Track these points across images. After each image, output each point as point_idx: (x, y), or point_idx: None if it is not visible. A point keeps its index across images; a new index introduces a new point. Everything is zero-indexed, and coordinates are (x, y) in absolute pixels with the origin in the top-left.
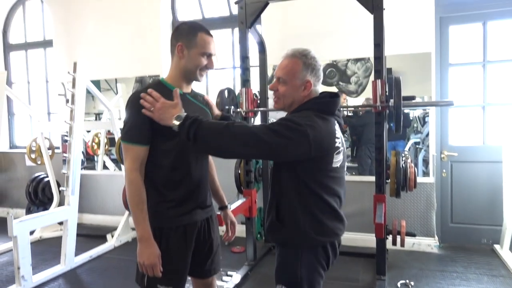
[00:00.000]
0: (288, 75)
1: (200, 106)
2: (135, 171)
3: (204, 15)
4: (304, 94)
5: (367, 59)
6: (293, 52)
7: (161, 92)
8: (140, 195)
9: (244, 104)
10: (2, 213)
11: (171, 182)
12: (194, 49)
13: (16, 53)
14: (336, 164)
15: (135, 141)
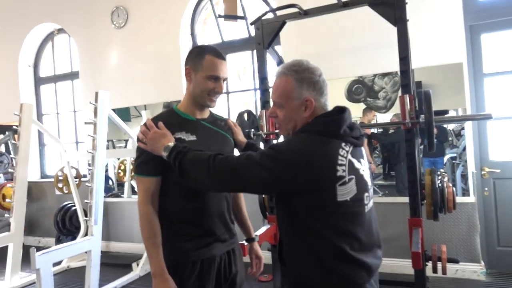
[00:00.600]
0: (282, 97)
1: (218, 132)
2: (146, 203)
3: (224, 38)
4: (307, 114)
5: (394, 73)
6: (282, 68)
7: (174, 120)
8: (151, 228)
9: (264, 127)
10: (34, 242)
11: (185, 214)
12: (200, 72)
13: (46, 86)
14: (345, 197)
15: (145, 173)
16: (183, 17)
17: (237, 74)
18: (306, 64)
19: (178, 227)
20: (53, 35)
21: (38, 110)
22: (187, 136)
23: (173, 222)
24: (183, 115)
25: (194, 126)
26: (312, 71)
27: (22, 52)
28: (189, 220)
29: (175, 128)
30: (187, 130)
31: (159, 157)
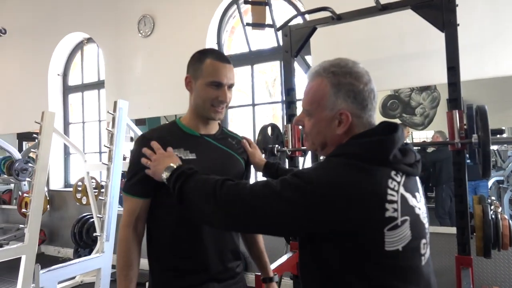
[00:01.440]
0: (311, 103)
1: (226, 151)
2: (128, 227)
3: (251, 48)
4: (341, 131)
5: (433, 88)
6: (319, 67)
7: (172, 134)
8: (127, 257)
9: (290, 142)
10: (53, 252)
11: (175, 244)
12: (201, 78)
13: (74, 95)
14: (395, 246)
15: (132, 192)
16: (210, 26)
17: (266, 86)
18: (351, 65)
19: (166, 259)
20: (82, 45)
21: (65, 119)
22: (185, 154)
23: (161, 253)
24: (185, 129)
25: (196, 142)
26: (356, 77)
27: (52, 61)
28: (178, 252)
29: (172, 143)
30: (186, 147)
31: (152, 179)
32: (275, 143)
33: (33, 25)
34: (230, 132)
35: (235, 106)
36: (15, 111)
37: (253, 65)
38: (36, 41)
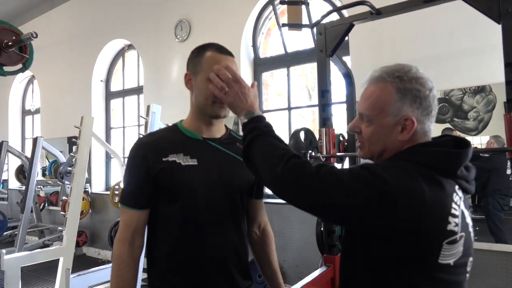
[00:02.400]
0: (373, 109)
1: (233, 157)
2: (124, 242)
3: (288, 50)
4: (404, 138)
5: (488, 90)
6: (381, 72)
7: (172, 138)
8: (122, 276)
9: (324, 148)
10: (94, 254)
11: (173, 261)
12: (201, 74)
13: (115, 101)
14: (448, 260)
15: (128, 203)
16: (245, 28)
17: (306, 89)
18: (415, 71)
19: (165, 277)
20: (123, 51)
21: (107, 124)
22: (185, 160)
23: (160, 271)
24: (187, 132)
25: (198, 147)
26: (422, 82)
27: (95, 67)
28: (177, 271)
29: (170, 148)
30: (186, 152)
31: (151, 186)
32: (308, 148)
33: (78, 34)
34: (239, 136)
35: (271, 110)
36: (62, 116)
37: (289, 67)
38: (81, 49)
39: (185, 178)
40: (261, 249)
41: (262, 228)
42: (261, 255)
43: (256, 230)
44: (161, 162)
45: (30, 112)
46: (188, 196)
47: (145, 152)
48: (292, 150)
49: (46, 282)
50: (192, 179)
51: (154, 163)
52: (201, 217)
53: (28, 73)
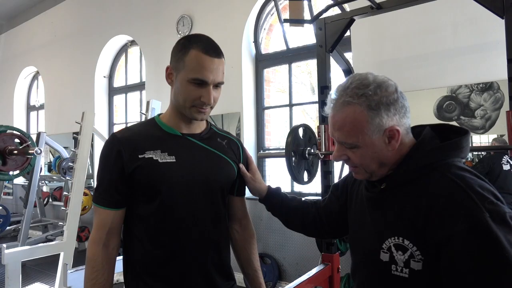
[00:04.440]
0: (352, 135)
1: (213, 152)
2: (97, 244)
3: (289, 45)
4: (393, 147)
5: (496, 88)
6: (342, 94)
7: (150, 133)
8: (96, 279)
9: (322, 145)
10: None
11: (151, 262)
12: (182, 72)
13: (118, 96)
14: None
15: (102, 202)
16: (247, 24)
17: (310, 86)
18: (373, 79)
19: (143, 280)
20: (126, 47)
21: (110, 120)
22: (162, 157)
23: (137, 273)
24: (165, 127)
25: (177, 143)
26: (385, 88)
27: (98, 63)
28: (155, 273)
29: (147, 144)
30: (164, 149)
31: (126, 185)
32: (307, 145)
33: (81, 30)
34: (220, 131)
35: (272, 106)
36: (66, 112)
37: (291, 64)
38: (84, 45)
39: (163, 176)
40: (242, 247)
41: (243, 226)
42: (242, 253)
43: (237, 227)
44: (137, 159)
45: (35, 108)
46: (166, 194)
47: (120, 148)
48: (291, 147)
49: (48, 277)
50: (170, 177)
51: (129, 160)
52: (180, 216)
53: (33, 69)
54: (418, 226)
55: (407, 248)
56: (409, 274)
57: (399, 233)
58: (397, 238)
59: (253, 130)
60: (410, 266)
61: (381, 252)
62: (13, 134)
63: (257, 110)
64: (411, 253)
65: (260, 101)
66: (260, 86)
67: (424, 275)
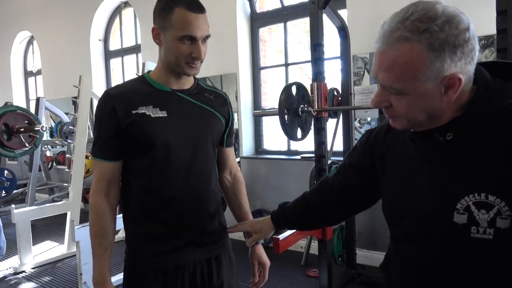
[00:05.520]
0: (403, 80)
1: (202, 107)
2: (98, 193)
3: (284, 3)
4: (450, 98)
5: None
6: (395, 27)
7: (141, 90)
8: (100, 224)
9: (315, 102)
10: None
11: (148, 210)
12: (170, 31)
13: (115, 60)
14: None
15: (100, 155)
16: None
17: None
18: (443, 10)
19: (141, 225)
20: (120, 9)
21: (107, 83)
22: (154, 112)
23: (135, 219)
24: (155, 84)
25: (167, 99)
26: (456, 23)
27: (93, 26)
28: (152, 218)
29: (139, 100)
30: (155, 104)
31: (122, 139)
32: (300, 103)
33: None
34: (208, 86)
35: (268, 66)
36: (63, 77)
37: (287, 22)
38: (77, 8)
39: (156, 130)
40: (233, 194)
41: (233, 174)
42: (233, 199)
43: (228, 176)
44: (131, 115)
45: (32, 74)
46: (160, 147)
47: (114, 105)
48: (284, 104)
49: (56, 235)
50: (163, 131)
51: (123, 116)
52: (174, 167)
53: (27, 34)
54: (506, 176)
55: (493, 205)
56: (494, 235)
57: (480, 188)
58: (478, 195)
59: (250, 91)
60: (496, 225)
61: (455, 214)
62: (24, 115)
63: (253, 70)
64: (498, 209)
65: (256, 61)
66: (256, 46)
67: (511, 234)
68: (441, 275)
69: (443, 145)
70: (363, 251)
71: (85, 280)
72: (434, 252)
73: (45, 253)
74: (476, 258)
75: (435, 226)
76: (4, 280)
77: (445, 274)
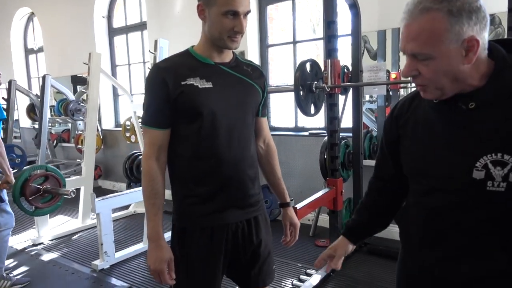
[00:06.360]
0: (429, 44)
1: (242, 79)
2: (151, 158)
3: None
4: (470, 61)
5: (497, 23)
6: (417, 1)
7: (188, 63)
8: (153, 186)
9: (329, 79)
10: (109, 186)
11: (195, 174)
12: (214, 7)
13: (119, 37)
14: None
15: (151, 123)
16: None
17: (311, 23)
18: None
19: (189, 187)
20: None
21: (112, 61)
22: (201, 83)
23: (183, 182)
24: (199, 58)
25: (211, 71)
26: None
27: (96, 2)
28: (199, 181)
29: (187, 72)
30: (202, 76)
31: (171, 109)
32: (313, 79)
33: None
34: (244, 59)
35: (276, 44)
36: (66, 56)
37: (295, 0)
38: None
39: (203, 100)
40: (266, 161)
41: (266, 143)
42: (267, 166)
43: (262, 144)
44: (180, 86)
45: (33, 51)
46: (207, 116)
47: (164, 76)
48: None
49: (68, 210)
50: (209, 100)
51: (173, 87)
52: (218, 134)
53: (28, 10)
54: None
55: (507, 163)
56: (506, 188)
57: (497, 149)
58: (495, 155)
59: None
60: (509, 179)
61: (474, 170)
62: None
63: (261, 48)
64: (511, 166)
65: (264, 39)
66: (264, 23)
67: None
68: (459, 223)
69: (465, 113)
70: None
71: (106, 250)
72: (453, 202)
73: (61, 226)
74: (490, 206)
75: (455, 182)
76: (24, 252)
77: (462, 222)
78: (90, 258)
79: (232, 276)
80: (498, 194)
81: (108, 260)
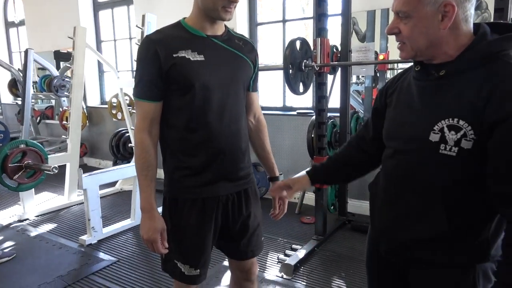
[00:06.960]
0: (409, 4)
1: (233, 52)
2: (143, 131)
3: None
4: (445, 26)
5: (484, 7)
6: None
7: (179, 35)
8: (146, 158)
9: (318, 57)
10: (95, 164)
11: (187, 146)
12: None
13: (104, 12)
14: None
15: (143, 96)
16: None
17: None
18: None
19: (180, 159)
20: None
21: (97, 37)
22: (193, 56)
23: (175, 154)
24: (191, 30)
25: (203, 43)
26: None
27: None
28: (191, 153)
29: (179, 44)
30: (194, 48)
31: (163, 81)
32: (303, 58)
33: None
34: (236, 33)
35: (265, 22)
36: (49, 30)
37: None
38: None
39: (195, 72)
40: (256, 135)
41: (257, 118)
42: (257, 140)
43: (252, 119)
44: (172, 58)
45: (14, 24)
46: (199, 89)
47: (156, 49)
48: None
49: (53, 187)
50: (201, 73)
51: (165, 59)
52: (210, 107)
53: None
54: (478, 106)
55: (461, 128)
56: (457, 153)
57: (455, 114)
58: (452, 119)
59: None
60: (460, 145)
61: (431, 133)
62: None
63: (250, 26)
64: (464, 132)
65: (253, 17)
66: (253, 1)
67: (471, 154)
68: (414, 187)
69: (436, 80)
70: (354, 200)
71: (93, 225)
72: (410, 163)
73: (46, 202)
74: (442, 172)
75: (414, 143)
76: (10, 227)
77: (417, 186)
78: (77, 234)
79: (221, 247)
80: (450, 159)
81: (96, 235)
